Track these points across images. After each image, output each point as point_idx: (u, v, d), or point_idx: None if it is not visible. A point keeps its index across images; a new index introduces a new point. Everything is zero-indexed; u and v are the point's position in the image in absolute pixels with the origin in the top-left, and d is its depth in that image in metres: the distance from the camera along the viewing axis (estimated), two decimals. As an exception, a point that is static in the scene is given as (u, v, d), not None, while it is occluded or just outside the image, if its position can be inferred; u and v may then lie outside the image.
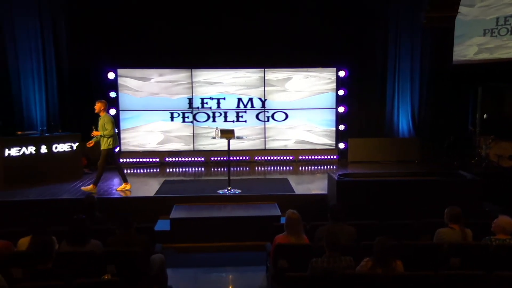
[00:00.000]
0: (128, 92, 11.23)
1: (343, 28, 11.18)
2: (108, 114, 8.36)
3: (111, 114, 11.02)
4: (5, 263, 4.46)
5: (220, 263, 6.63)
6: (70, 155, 9.43)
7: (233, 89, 11.38)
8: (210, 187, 8.72)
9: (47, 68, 10.82)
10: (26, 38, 10.43)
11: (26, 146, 8.81)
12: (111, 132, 8.21)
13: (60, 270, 4.38)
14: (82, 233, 4.88)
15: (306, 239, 5.16)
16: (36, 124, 10.46)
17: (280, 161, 11.45)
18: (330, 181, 7.71)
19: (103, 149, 8.30)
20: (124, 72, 11.18)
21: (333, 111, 11.47)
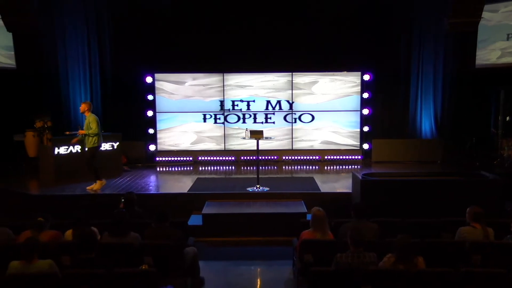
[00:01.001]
0: (164, 95, 11.39)
1: (368, 33, 11.04)
2: (93, 114, 8.23)
3: (149, 115, 11.29)
4: (55, 251, 4.60)
5: (249, 256, 6.64)
6: (111, 154, 9.57)
7: (262, 92, 11.39)
8: (240, 184, 8.74)
9: (92, 73, 11.08)
10: (75, 45, 10.70)
11: (73, 145, 8.99)
12: (96, 131, 8.10)
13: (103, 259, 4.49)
14: (122, 225, 4.97)
15: (331, 235, 5.14)
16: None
17: (306, 160, 11.40)
18: (355, 180, 7.63)
19: (88, 148, 8.20)
20: (160, 76, 11.34)
21: (358, 113, 11.35)
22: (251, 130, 8.47)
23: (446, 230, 5.38)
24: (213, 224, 7.22)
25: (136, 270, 4.42)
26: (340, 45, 11.03)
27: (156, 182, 9.69)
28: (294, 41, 11.00)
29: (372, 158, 11.12)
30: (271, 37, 10.99)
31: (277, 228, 7.09)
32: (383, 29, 11.12)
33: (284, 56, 11.08)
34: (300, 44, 11.00)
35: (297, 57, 11.09)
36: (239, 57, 11.07)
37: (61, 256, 4.59)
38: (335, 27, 10.97)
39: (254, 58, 11.07)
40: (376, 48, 11.14)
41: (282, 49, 11.03)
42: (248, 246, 6.94)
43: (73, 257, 4.61)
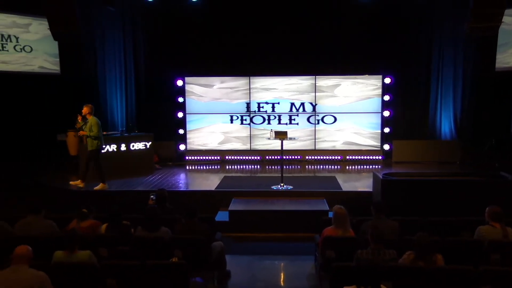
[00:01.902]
0: (193, 97, 11.52)
1: (389, 37, 10.89)
2: (95, 117, 8.12)
3: (179, 116, 11.43)
4: (94, 243, 4.73)
5: (273, 251, 6.65)
6: (144, 153, 9.70)
7: (287, 95, 11.39)
8: (264, 183, 8.75)
9: (127, 77, 11.30)
10: (112, 52, 10.95)
11: (109, 145, 9.14)
12: (97, 134, 8.03)
13: (136, 252, 4.59)
14: (155, 221, 5.05)
15: (352, 233, 5.10)
16: (117, 125, 10.94)
17: (328, 160, 11.33)
18: (375, 180, 7.56)
19: (89, 150, 8.14)
20: (190, 79, 11.47)
21: (379, 115, 11.22)
22: (275, 131, 8.47)
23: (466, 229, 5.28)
24: (239, 220, 7.26)
25: (167, 263, 4.49)
26: (362, 49, 10.91)
27: (186, 179, 9.80)
28: (317, 46, 10.96)
29: (393, 159, 10.97)
30: (295, 42, 10.98)
31: (300, 225, 7.09)
32: (403, 33, 10.94)
33: (307, 60, 11.05)
34: (324, 48, 10.95)
35: (320, 61, 11.04)
36: (265, 61, 11.09)
37: (99, 248, 4.71)
38: (357, 31, 10.86)
39: (279, 62, 11.07)
40: (397, 51, 10.98)
41: (306, 53, 11.01)
42: (272, 241, 6.96)
43: (110, 249, 4.73)
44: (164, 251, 4.74)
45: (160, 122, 11.30)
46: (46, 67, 11.01)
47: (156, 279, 4.26)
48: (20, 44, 10.71)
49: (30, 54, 10.83)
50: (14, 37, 10.65)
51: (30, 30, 10.78)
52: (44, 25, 10.16)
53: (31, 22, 10.74)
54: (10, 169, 9.91)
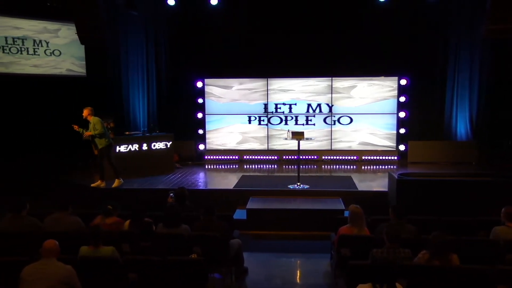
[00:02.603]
0: (213, 98, 11.58)
1: (405, 39, 10.72)
2: (95, 117, 8.04)
3: (199, 117, 11.50)
4: (116, 239, 4.80)
5: (289, 249, 6.63)
6: (165, 152, 9.76)
7: (304, 96, 11.35)
8: (282, 182, 8.73)
9: (149, 79, 11.42)
10: (135, 55, 11.09)
11: (131, 144, 9.26)
12: (102, 131, 7.98)
13: (157, 248, 4.64)
14: (175, 218, 5.10)
15: (368, 232, 5.06)
16: (139, 125, 11.07)
17: (344, 160, 11.25)
18: (391, 180, 7.48)
19: (100, 148, 8.17)
20: (210, 81, 11.54)
21: (394, 116, 11.09)
22: (292, 131, 8.46)
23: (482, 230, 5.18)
24: (257, 219, 7.27)
25: (186, 259, 4.53)
26: (378, 51, 10.79)
27: (205, 178, 9.86)
28: (334, 48, 10.88)
29: (408, 159, 10.82)
30: (312, 44, 10.92)
31: (316, 223, 7.06)
32: (420, 34, 10.76)
33: (324, 62, 10.99)
34: (340, 50, 10.87)
35: (337, 63, 10.97)
36: (282, 63, 11.08)
37: (122, 244, 4.78)
38: (374, 33, 10.74)
39: (296, 64, 11.04)
40: (413, 53, 10.81)
41: (322, 55, 10.95)
42: (288, 239, 6.94)
43: (132, 245, 4.80)
44: (183, 248, 4.77)
45: (181, 122, 11.40)
46: (73, 69, 11.25)
47: (176, 275, 4.30)
48: (50, 48, 10.99)
49: (59, 57, 11.09)
50: (45, 42, 10.94)
51: (59, 35, 11.04)
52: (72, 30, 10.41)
53: (60, 27, 11.00)
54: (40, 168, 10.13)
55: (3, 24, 10.51)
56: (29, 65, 10.88)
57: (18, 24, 10.66)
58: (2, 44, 10.51)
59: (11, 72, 10.67)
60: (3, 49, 10.55)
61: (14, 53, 10.67)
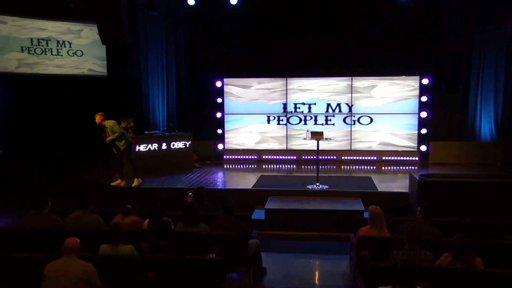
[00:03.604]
0: (232, 98, 11.60)
1: (427, 37, 10.53)
2: (109, 120, 8.08)
3: (218, 117, 11.55)
4: (136, 238, 4.85)
5: (308, 250, 6.60)
6: (184, 151, 9.81)
7: (323, 96, 11.27)
8: (300, 182, 8.69)
9: (169, 79, 11.53)
10: (155, 55, 11.22)
11: (151, 144, 9.34)
12: (120, 131, 8.08)
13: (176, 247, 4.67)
14: (194, 217, 5.12)
15: (388, 233, 4.99)
16: (159, 125, 11.18)
17: (364, 161, 11.13)
18: (412, 181, 7.36)
19: (123, 150, 8.23)
20: (229, 81, 11.57)
21: (416, 116, 10.91)
22: (312, 131, 8.41)
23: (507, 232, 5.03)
24: (275, 219, 7.25)
25: (205, 258, 4.54)
26: (399, 50, 10.61)
27: (223, 178, 9.88)
28: (354, 47, 10.75)
29: (430, 160, 10.64)
30: (332, 43, 10.82)
31: (335, 224, 7.01)
32: (442, 32, 10.55)
33: (344, 61, 10.87)
34: (360, 50, 10.73)
35: (357, 62, 10.83)
36: (302, 63, 11.02)
37: (141, 242, 4.83)
38: (395, 32, 10.57)
39: (315, 63, 10.97)
40: (435, 52, 10.61)
41: (342, 55, 10.83)
42: (307, 240, 6.91)
43: (151, 244, 4.84)
44: (202, 247, 4.79)
45: (200, 122, 11.46)
46: (94, 69, 11.43)
47: (193, 274, 4.32)
48: (72, 49, 11.21)
49: (81, 58, 11.29)
50: (68, 43, 11.17)
51: (81, 35, 11.25)
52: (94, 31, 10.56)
53: (82, 28, 11.20)
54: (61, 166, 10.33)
55: (29, 25, 10.78)
56: (53, 65, 11.11)
57: (43, 26, 10.90)
58: (27, 45, 10.78)
59: (35, 72, 10.92)
60: (29, 50, 10.82)
61: (39, 54, 10.92)
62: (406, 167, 10.47)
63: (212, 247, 4.80)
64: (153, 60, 11.21)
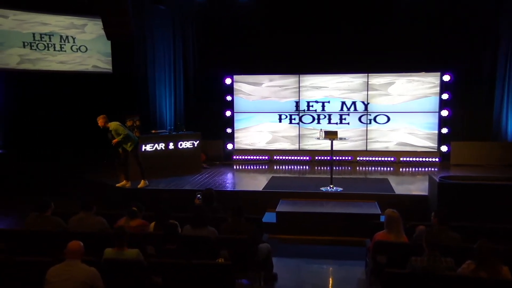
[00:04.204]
0: (242, 96, 11.61)
1: (448, 32, 10.42)
2: (113, 122, 8.12)
3: (227, 115, 11.56)
4: (141, 241, 4.87)
5: (321, 255, 6.58)
6: (192, 152, 9.84)
7: (337, 93, 11.22)
8: (313, 184, 8.67)
9: (176, 76, 11.58)
10: (162, 51, 11.27)
11: (158, 143, 9.39)
12: (125, 132, 8.13)
13: (183, 251, 4.68)
14: (202, 219, 5.12)
15: (405, 238, 4.94)
16: (165, 124, 11.23)
17: (381, 162, 11.06)
18: (431, 183, 7.29)
19: (130, 151, 8.29)
20: (239, 78, 11.58)
21: (436, 115, 10.80)
22: (325, 131, 8.40)
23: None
24: (287, 222, 7.23)
25: (213, 263, 4.54)
26: (419, 45, 10.50)
27: (233, 179, 9.89)
28: (370, 42, 10.67)
29: (451, 161, 10.53)
30: (346, 38, 10.77)
31: (350, 228, 6.97)
32: (465, 26, 10.41)
33: (360, 57, 10.79)
34: (377, 45, 10.64)
35: (373, 58, 10.75)
36: (315, 59, 10.98)
37: (147, 246, 4.84)
38: (414, 26, 10.47)
39: (329, 59, 10.92)
40: (457, 47, 10.47)
41: (358, 50, 10.74)
42: (320, 244, 6.88)
43: (157, 247, 4.86)
44: (210, 251, 4.79)
45: (208, 120, 11.48)
46: (99, 66, 11.52)
47: (201, 279, 4.32)
48: (76, 44, 11.30)
49: (85, 53, 11.39)
50: (72, 38, 11.26)
51: (85, 30, 11.34)
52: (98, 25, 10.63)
53: (87, 22, 11.29)
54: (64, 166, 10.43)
55: (31, 20, 10.88)
56: (56, 61, 11.22)
57: (46, 20, 11.00)
58: (29, 41, 10.89)
59: (37, 69, 11.02)
60: (31, 46, 10.92)
61: (41, 50, 11.03)
62: (425, 168, 10.36)
63: (221, 251, 4.80)
64: (160, 56, 11.26)
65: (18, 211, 7.97)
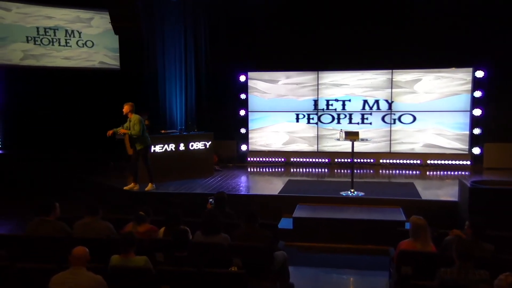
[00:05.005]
0: (257, 94, 11.62)
1: (482, 25, 10.24)
2: (136, 115, 8.17)
3: (242, 114, 11.57)
4: (150, 248, 4.89)
5: (341, 264, 6.53)
6: (203, 153, 9.88)
7: (359, 91, 11.16)
8: (333, 188, 8.64)
9: (188, 73, 11.63)
10: (172, 47, 11.32)
11: (167, 144, 9.44)
12: (139, 133, 8.12)
13: (194, 258, 4.68)
14: (214, 225, 5.12)
15: (433, 247, 4.86)
16: (176, 123, 11.29)
17: (406, 164, 10.97)
18: (462, 188, 7.19)
19: (138, 150, 8.32)
20: (254, 75, 11.59)
21: (467, 114, 10.66)
22: (346, 131, 8.36)
23: None
24: (304, 229, 7.21)
25: (225, 271, 4.53)
26: (448, 38, 10.35)
27: (247, 182, 9.90)
28: (395, 35, 10.58)
29: (484, 164, 10.42)
30: (369, 32, 10.69)
31: (372, 236, 6.93)
32: (500, 16, 10.19)
33: (383, 52, 10.70)
34: (402, 38, 10.54)
35: (398, 53, 10.66)
36: (335, 54, 10.94)
37: (155, 253, 4.86)
38: (443, 19, 10.33)
39: (350, 55, 10.85)
40: (492, 40, 10.27)
41: (381, 44, 10.66)
42: (340, 253, 6.85)
43: (166, 255, 4.87)
44: (222, 259, 4.79)
45: (221, 120, 11.51)
46: (106, 62, 11.66)
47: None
48: (82, 39, 11.44)
49: (91, 49, 11.52)
50: (77, 32, 11.40)
51: (92, 24, 11.48)
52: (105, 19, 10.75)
53: (93, 16, 11.43)
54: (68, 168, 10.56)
55: (35, 13, 11.04)
56: (61, 57, 11.38)
57: (50, 13, 11.16)
58: (33, 35, 11.05)
59: (41, 65, 11.18)
60: (35, 40, 11.08)
61: (46, 45, 11.19)
62: (455, 172, 10.26)
63: (234, 259, 4.79)
64: (171, 52, 11.31)
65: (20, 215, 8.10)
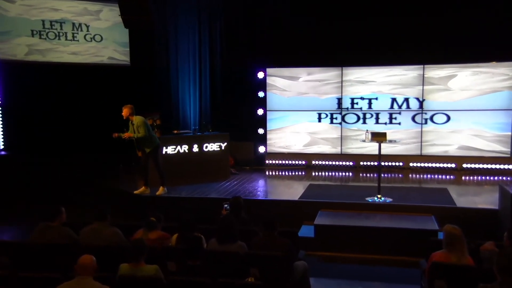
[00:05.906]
0: (276, 91, 11.62)
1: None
2: (138, 116, 8.26)
3: (259, 114, 11.57)
4: (161, 256, 4.92)
5: (367, 277, 6.50)
6: (218, 155, 9.92)
7: (387, 88, 11.09)
8: (358, 193, 8.62)
9: (202, 70, 11.70)
10: (186, 42, 11.40)
11: (180, 145, 9.51)
12: (144, 135, 8.20)
13: (208, 268, 4.70)
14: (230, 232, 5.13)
15: (470, 260, 4.79)
16: (189, 123, 11.36)
17: (439, 168, 10.87)
18: (503, 195, 7.10)
19: (148, 153, 8.42)
20: (273, 71, 11.61)
21: (509, 113, 10.51)
22: (372, 132, 8.33)
23: None
24: (327, 237, 7.20)
25: (242, 282, 4.54)
26: (487, 29, 10.14)
27: (265, 187, 9.92)
28: (427, 27, 10.44)
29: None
30: (398, 24, 10.56)
31: (401, 246, 6.89)
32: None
33: (414, 46, 10.59)
34: (435, 30, 10.41)
35: (430, 47, 10.54)
36: (361, 49, 10.85)
37: (167, 262, 4.89)
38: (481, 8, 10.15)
39: (378, 49, 10.77)
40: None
41: (412, 37, 10.54)
42: (366, 264, 6.82)
43: (179, 263, 4.90)
44: (238, 269, 4.80)
45: (238, 120, 11.54)
46: (115, 57, 11.79)
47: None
48: (90, 33, 11.59)
49: (100, 43, 11.65)
50: (85, 26, 11.55)
51: (100, 17, 11.62)
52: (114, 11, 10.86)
53: (102, 8, 11.57)
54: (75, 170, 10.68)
55: (41, 5, 11.19)
56: (67, 52, 11.53)
57: (56, 5, 11.31)
58: (39, 29, 11.21)
59: (47, 60, 11.34)
60: (40, 34, 11.24)
61: (52, 39, 11.36)
62: (495, 177, 10.15)
63: (251, 269, 4.80)
64: (184, 47, 11.39)
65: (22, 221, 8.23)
